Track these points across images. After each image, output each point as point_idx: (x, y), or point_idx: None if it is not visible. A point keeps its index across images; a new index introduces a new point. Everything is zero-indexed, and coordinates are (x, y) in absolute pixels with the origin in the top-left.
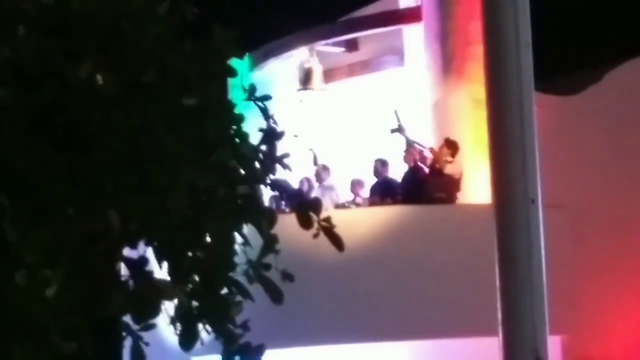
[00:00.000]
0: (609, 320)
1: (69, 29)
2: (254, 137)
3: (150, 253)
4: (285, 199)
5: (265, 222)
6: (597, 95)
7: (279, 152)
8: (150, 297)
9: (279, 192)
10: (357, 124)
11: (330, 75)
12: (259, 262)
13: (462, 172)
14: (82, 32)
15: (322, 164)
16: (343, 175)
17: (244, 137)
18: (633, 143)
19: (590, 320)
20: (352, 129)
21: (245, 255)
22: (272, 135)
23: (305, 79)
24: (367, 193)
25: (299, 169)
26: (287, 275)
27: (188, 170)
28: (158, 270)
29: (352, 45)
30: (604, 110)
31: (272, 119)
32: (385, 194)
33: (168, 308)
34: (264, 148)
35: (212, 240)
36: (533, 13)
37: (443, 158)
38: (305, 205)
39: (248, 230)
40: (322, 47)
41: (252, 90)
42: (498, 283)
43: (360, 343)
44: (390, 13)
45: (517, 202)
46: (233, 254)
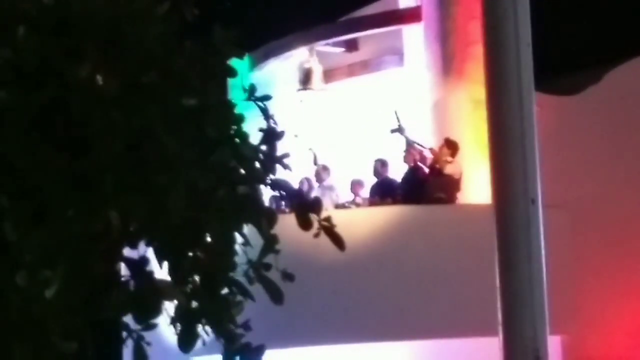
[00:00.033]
0: (609, 320)
1: (69, 29)
2: (254, 137)
3: (151, 253)
4: (286, 199)
5: (266, 222)
6: (597, 95)
7: (279, 152)
8: (151, 297)
9: (279, 192)
10: (357, 124)
11: (330, 76)
12: (260, 262)
13: (462, 172)
14: (82, 32)
15: (322, 164)
16: (343, 176)
17: (244, 137)
18: (633, 143)
19: (590, 320)
20: (352, 129)
21: (246, 256)
22: (272, 135)
23: (305, 79)
24: (367, 193)
25: (299, 169)
26: (287, 275)
27: (188, 171)
28: (159, 271)
29: (352, 46)
30: (604, 110)
31: (272, 119)
32: (385, 194)
33: (169, 308)
34: (264, 148)
35: (212, 240)
36: (533, 13)
37: (443, 158)
38: (305, 206)
39: (248, 230)
40: (322, 47)
41: (252, 90)
42: (498, 283)
43: (361, 343)
44: (390, 13)
45: (517, 202)
46: (233, 254)
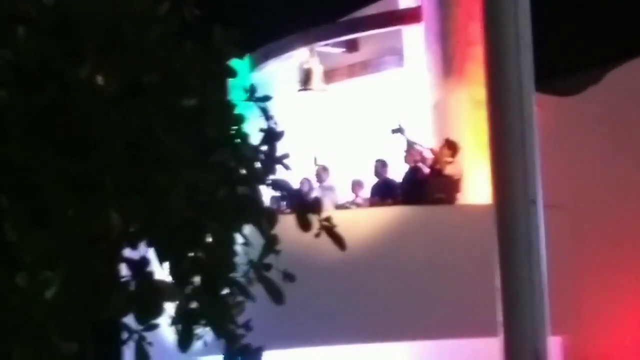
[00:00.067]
0: (609, 320)
1: (69, 30)
2: (255, 137)
3: (151, 254)
4: (286, 200)
5: (266, 222)
6: (597, 96)
7: (279, 152)
8: (151, 297)
9: (280, 192)
10: (357, 125)
11: (331, 76)
12: (260, 262)
13: (462, 172)
14: (82, 32)
15: (322, 165)
16: (343, 176)
17: (244, 137)
18: (633, 143)
19: (590, 320)
20: (352, 130)
21: (246, 256)
22: (272, 136)
23: (306, 80)
24: (367, 193)
25: (299, 169)
26: (288, 276)
27: (188, 171)
28: (159, 271)
29: (352, 46)
30: (604, 111)
31: (272, 120)
32: (386, 195)
33: (169, 309)
34: (265, 148)
35: (212, 241)
36: (533, 13)
37: (443, 159)
38: (306, 206)
39: (249, 231)
40: (322, 47)
41: (252, 91)
42: (498, 283)
43: (361, 343)
44: (390, 13)
45: (517, 202)
46: (234, 254)
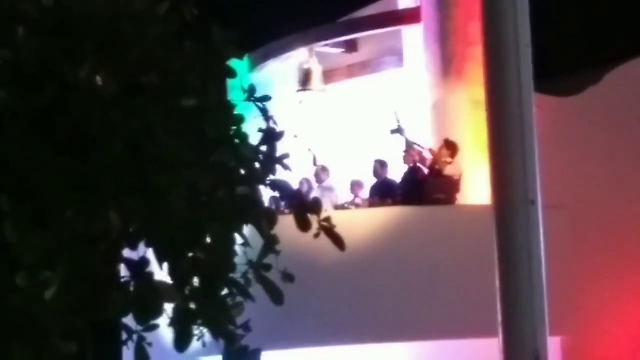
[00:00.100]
0: (609, 321)
1: (69, 30)
2: (254, 137)
3: (151, 254)
4: (285, 200)
5: (265, 222)
6: (596, 96)
7: (279, 152)
8: (151, 298)
9: (279, 192)
10: (356, 125)
11: (330, 76)
12: (259, 262)
13: (461, 173)
14: (82, 32)
15: (321, 165)
16: (342, 176)
17: (244, 137)
18: (633, 143)
19: (590, 321)
20: (351, 130)
21: (245, 256)
22: (271, 136)
23: (305, 80)
24: (366, 194)
25: (299, 170)
26: (287, 276)
27: (188, 171)
28: (159, 271)
29: (351, 46)
30: (604, 111)
31: (271, 120)
32: (385, 195)
33: (168, 309)
34: (264, 148)
35: (212, 241)
36: (533, 13)
37: (442, 159)
38: (305, 206)
39: (248, 231)
40: (321, 47)
41: (251, 91)
42: (498, 283)
43: (361, 344)
44: (390, 14)
45: (516, 202)
46: (233, 255)
